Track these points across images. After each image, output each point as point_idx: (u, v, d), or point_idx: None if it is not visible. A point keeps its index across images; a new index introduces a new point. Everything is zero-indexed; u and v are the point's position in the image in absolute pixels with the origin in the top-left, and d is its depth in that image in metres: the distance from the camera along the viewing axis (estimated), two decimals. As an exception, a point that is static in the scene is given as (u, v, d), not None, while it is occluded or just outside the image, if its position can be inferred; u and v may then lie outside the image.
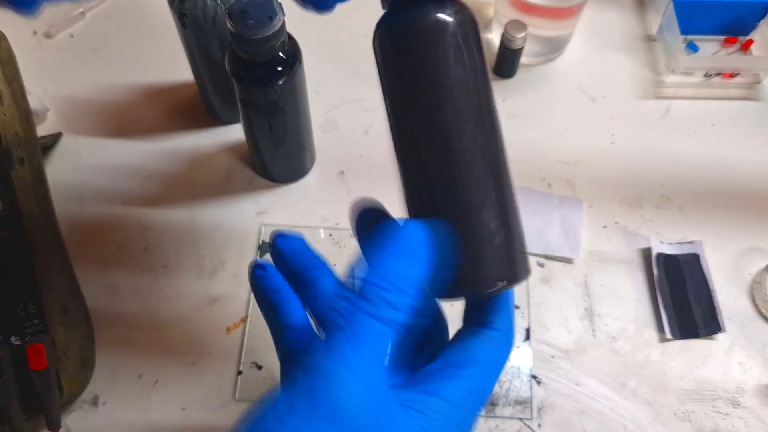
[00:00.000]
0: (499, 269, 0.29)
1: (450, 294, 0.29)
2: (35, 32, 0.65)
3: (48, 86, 0.61)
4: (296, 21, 0.45)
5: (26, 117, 0.49)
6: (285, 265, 0.31)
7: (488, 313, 0.31)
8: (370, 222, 0.31)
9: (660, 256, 0.53)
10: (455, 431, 0.27)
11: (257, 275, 0.30)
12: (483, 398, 0.29)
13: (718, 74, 0.62)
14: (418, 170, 0.29)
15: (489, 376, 0.29)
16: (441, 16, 0.28)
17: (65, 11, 0.65)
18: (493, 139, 0.29)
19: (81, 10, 0.65)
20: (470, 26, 0.29)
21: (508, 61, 0.61)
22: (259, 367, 0.49)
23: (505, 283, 0.29)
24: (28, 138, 0.48)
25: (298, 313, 0.29)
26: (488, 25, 0.66)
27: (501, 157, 0.30)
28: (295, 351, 0.28)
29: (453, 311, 0.34)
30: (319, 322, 0.29)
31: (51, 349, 0.44)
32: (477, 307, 0.31)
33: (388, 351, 0.26)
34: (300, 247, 0.31)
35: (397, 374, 0.30)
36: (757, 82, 0.62)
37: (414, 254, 0.27)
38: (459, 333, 0.31)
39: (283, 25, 0.43)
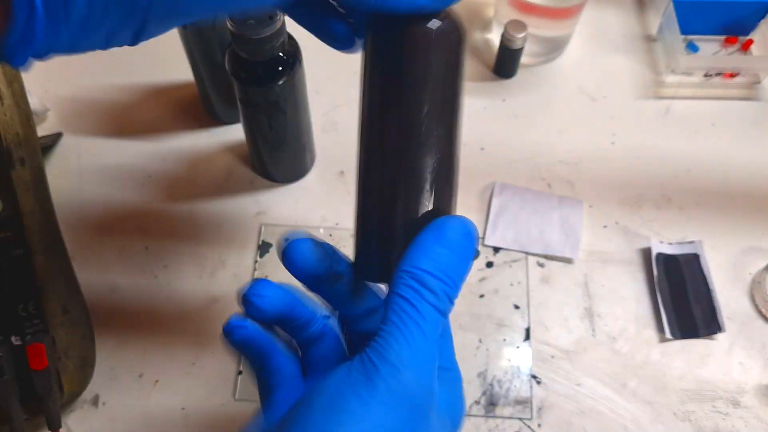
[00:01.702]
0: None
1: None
2: (35, 32, 0.65)
3: (48, 86, 0.61)
4: (296, 21, 0.45)
5: (26, 117, 0.49)
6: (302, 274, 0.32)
7: None
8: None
9: (660, 256, 0.53)
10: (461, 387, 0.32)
11: (231, 331, 0.32)
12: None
13: (718, 74, 0.62)
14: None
15: (450, 341, 0.34)
16: (425, 27, 0.29)
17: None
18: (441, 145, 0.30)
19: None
20: (453, 39, 0.29)
21: (508, 61, 0.61)
22: (259, 367, 0.49)
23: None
24: (29, 138, 0.48)
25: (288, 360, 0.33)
26: (488, 25, 0.66)
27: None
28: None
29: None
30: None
31: (51, 349, 0.44)
32: None
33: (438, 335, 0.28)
34: (314, 256, 0.31)
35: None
36: (757, 81, 0.62)
37: (467, 251, 0.29)
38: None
39: (283, 24, 0.43)
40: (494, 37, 0.65)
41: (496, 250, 0.54)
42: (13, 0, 0.22)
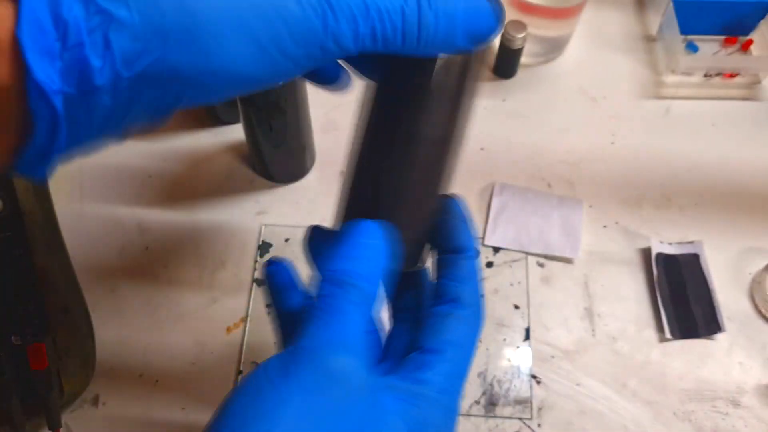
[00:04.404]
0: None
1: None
2: (35, 32, 0.65)
3: (48, 86, 0.61)
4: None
5: (26, 117, 0.49)
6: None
7: (455, 289, 0.32)
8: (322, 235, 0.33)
9: (660, 256, 0.53)
10: (443, 415, 0.29)
11: (269, 271, 0.33)
12: (464, 377, 0.30)
13: (718, 74, 0.62)
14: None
15: (467, 354, 0.31)
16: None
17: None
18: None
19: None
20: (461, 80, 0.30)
21: (508, 61, 0.61)
22: (259, 367, 0.49)
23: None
24: (29, 138, 0.48)
25: (297, 301, 0.32)
26: (488, 25, 0.66)
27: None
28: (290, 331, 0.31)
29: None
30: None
31: (51, 348, 0.44)
32: (444, 284, 0.32)
33: (362, 328, 0.28)
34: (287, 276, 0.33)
35: (384, 361, 0.32)
36: (756, 82, 0.62)
37: (370, 247, 0.29)
38: (431, 314, 0.32)
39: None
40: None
41: (496, 250, 0.54)
42: (33, 109, 0.20)
